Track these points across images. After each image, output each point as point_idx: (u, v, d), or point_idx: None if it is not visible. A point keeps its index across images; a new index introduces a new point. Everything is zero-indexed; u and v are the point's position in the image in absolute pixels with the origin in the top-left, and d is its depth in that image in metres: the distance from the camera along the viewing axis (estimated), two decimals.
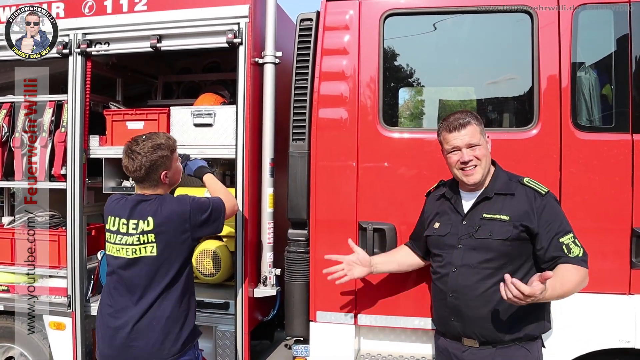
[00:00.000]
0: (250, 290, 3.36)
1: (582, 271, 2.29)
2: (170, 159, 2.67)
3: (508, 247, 2.35)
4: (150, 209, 2.61)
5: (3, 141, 3.92)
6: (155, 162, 2.59)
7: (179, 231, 2.62)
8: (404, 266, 2.87)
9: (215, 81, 4.64)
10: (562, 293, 2.26)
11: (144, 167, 2.58)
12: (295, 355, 3.29)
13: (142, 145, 2.60)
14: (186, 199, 2.70)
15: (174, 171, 2.74)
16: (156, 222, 2.58)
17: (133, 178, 2.69)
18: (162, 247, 2.59)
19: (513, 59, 3.19)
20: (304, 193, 3.16)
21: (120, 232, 2.64)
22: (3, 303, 3.93)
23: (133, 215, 2.62)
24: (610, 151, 2.81)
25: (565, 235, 2.33)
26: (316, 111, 3.11)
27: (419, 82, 3.57)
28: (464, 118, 2.44)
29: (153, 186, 2.67)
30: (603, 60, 2.99)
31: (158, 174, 2.63)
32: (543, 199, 2.37)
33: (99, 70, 4.01)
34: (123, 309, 2.62)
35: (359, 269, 2.76)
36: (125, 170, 2.66)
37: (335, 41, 3.11)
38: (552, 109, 2.86)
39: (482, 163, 2.43)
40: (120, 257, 2.64)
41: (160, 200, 2.65)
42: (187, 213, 2.63)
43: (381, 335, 3.21)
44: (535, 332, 2.38)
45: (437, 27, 3.15)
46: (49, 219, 4.06)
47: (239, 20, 3.28)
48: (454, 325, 2.48)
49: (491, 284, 2.36)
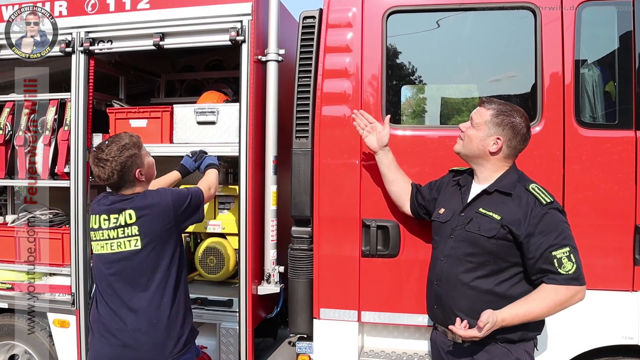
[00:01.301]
0: (253, 288, 3.36)
1: (566, 291, 2.23)
2: (139, 156, 2.61)
3: (493, 245, 2.32)
4: (131, 204, 2.58)
5: (6, 140, 3.93)
6: (125, 163, 2.53)
7: (162, 222, 2.59)
8: (395, 185, 2.90)
9: (219, 79, 4.64)
10: (533, 317, 2.27)
11: (116, 172, 2.52)
12: (298, 352, 3.30)
13: (108, 150, 2.53)
14: (166, 191, 2.68)
15: (147, 166, 2.68)
16: (138, 214, 2.55)
17: (109, 186, 2.65)
18: (146, 240, 2.56)
19: (516, 56, 3.19)
20: (307, 190, 3.16)
21: (102, 227, 2.60)
22: (7, 301, 3.94)
23: (113, 210, 2.58)
24: (614, 148, 2.81)
25: (560, 248, 2.23)
26: (319, 109, 3.11)
27: (422, 80, 3.57)
28: (488, 99, 2.47)
29: (130, 187, 2.62)
30: (606, 57, 2.99)
31: (132, 174, 2.57)
32: (543, 208, 2.29)
33: (102, 68, 4.02)
34: (117, 310, 2.59)
35: (372, 138, 2.88)
36: (99, 180, 2.60)
37: (338, 39, 3.11)
38: (555, 106, 2.86)
39: (465, 141, 2.47)
40: (104, 254, 2.61)
41: (140, 195, 2.62)
42: (169, 203, 2.60)
43: (385, 333, 3.22)
44: (513, 336, 2.32)
45: (440, 25, 3.15)
46: (52, 217, 4.07)
47: (242, 18, 3.28)
48: (437, 314, 2.51)
49: (472, 277, 2.36)
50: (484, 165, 2.47)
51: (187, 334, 2.69)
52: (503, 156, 2.42)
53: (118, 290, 2.59)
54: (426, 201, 2.79)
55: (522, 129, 2.39)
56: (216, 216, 3.78)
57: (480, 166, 2.49)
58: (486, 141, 2.41)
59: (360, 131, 2.93)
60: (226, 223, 3.70)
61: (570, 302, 2.27)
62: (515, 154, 2.44)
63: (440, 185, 2.77)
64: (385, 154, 2.89)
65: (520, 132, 2.39)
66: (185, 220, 2.72)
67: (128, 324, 2.55)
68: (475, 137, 2.43)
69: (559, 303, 2.24)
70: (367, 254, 3.05)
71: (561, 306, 2.26)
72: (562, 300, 2.24)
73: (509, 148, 2.40)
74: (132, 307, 2.56)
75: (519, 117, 2.40)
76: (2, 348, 4.15)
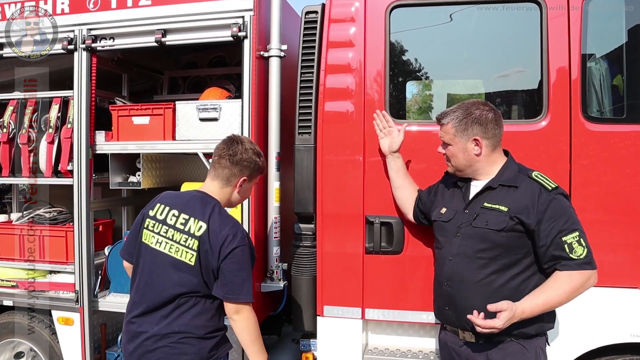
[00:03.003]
0: (257, 285, 3.35)
1: (580, 276, 2.24)
2: (255, 175, 2.59)
3: (503, 238, 2.31)
4: (208, 213, 2.42)
5: (10, 138, 3.93)
6: (250, 163, 2.51)
7: (213, 256, 2.38)
8: (401, 191, 2.90)
9: (221, 75, 4.62)
10: (551, 306, 2.28)
11: (244, 160, 2.48)
12: (302, 350, 3.29)
13: (252, 144, 2.56)
14: (243, 235, 2.43)
15: (246, 188, 2.61)
16: (209, 229, 2.38)
17: (223, 156, 2.49)
18: (200, 261, 2.38)
19: (522, 50, 3.15)
20: (310, 187, 3.14)
21: (168, 223, 2.45)
22: (12, 299, 3.96)
23: (187, 209, 2.45)
24: (622, 142, 2.77)
25: (570, 233, 2.24)
26: (322, 104, 3.08)
27: (426, 75, 3.54)
28: (443, 114, 2.49)
29: (224, 182, 2.51)
30: (614, 51, 2.95)
31: (241, 175, 2.51)
32: (549, 194, 2.30)
33: (104, 66, 4.01)
34: (144, 314, 2.43)
35: (386, 141, 2.92)
36: (217, 152, 2.52)
37: (341, 33, 3.08)
38: (561, 100, 2.82)
39: (452, 161, 2.49)
40: (157, 250, 2.45)
41: (219, 208, 2.47)
42: (227, 246, 2.36)
43: (389, 330, 3.19)
44: (530, 330, 2.31)
45: (443, 19, 3.11)
46: (56, 215, 4.08)
47: (244, 13, 3.26)
48: (449, 315, 2.48)
49: (485, 274, 2.34)
50: (479, 167, 2.47)
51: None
52: (489, 150, 2.43)
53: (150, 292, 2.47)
54: (424, 205, 2.78)
55: (486, 116, 2.40)
56: None
57: (477, 170, 2.48)
58: (467, 149, 2.43)
59: (378, 132, 2.96)
60: None
61: (585, 287, 2.27)
62: (498, 140, 2.45)
63: (437, 188, 2.77)
64: (394, 160, 2.89)
65: (487, 120, 2.39)
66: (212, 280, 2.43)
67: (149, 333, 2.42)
68: (457, 151, 2.46)
69: (575, 289, 2.25)
70: (371, 251, 3.02)
71: (577, 292, 2.26)
72: (577, 286, 2.25)
73: (489, 139, 2.41)
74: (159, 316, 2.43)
75: (475, 108, 2.42)
76: (7, 345, 4.17)
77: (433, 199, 2.73)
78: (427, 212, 2.75)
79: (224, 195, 2.55)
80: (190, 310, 2.40)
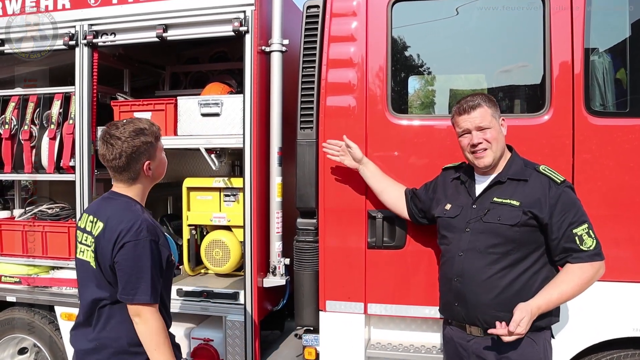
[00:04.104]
0: (259, 280, 3.36)
1: (591, 268, 2.27)
2: (154, 147, 2.29)
3: (516, 232, 2.31)
4: (108, 212, 2.22)
5: (12, 134, 3.93)
6: (138, 148, 2.20)
7: (107, 253, 2.15)
8: (386, 195, 2.87)
9: (223, 71, 4.62)
10: (565, 299, 2.31)
11: (125, 154, 2.18)
12: (305, 345, 3.29)
13: (123, 129, 2.20)
14: (140, 229, 2.14)
15: (158, 162, 2.34)
16: (105, 226, 2.17)
17: (111, 168, 2.24)
18: (97, 261, 2.20)
19: (524, 44, 3.13)
20: (312, 182, 3.13)
21: (86, 230, 2.27)
22: (15, 294, 3.97)
23: (96, 211, 2.27)
24: (625, 136, 2.75)
25: (580, 225, 2.28)
26: (324, 99, 3.07)
27: (428, 69, 3.52)
28: (474, 100, 2.41)
29: (131, 180, 2.27)
30: (617, 44, 2.93)
31: (140, 163, 2.24)
32: (558, 187, 2.31)
33: (106, 61, 4.01)
34: (76, 327, 2.30)
35: (348, 158, 2.92)
36: (102, 160, 2.25)
37: (343, 28, 3.07)
38: (564, 94, 2.81)
39: (493, 146, 2.39)
40: (80, 260, 2.29)
41: (125, 204, 2.24)
42: (119, 241, 2.12)
43: (391, 325, 3.19)
44: (541, 323, 2.32)
45: (445, 13, 3.09)
46: (58, 211, 4.08)
47: (245, 8, 3.25)
48: (457, 311, 2.47)
49: (497, 269, 2.34)
50: (503, 154, 2.48)
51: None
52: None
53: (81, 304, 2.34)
54: (422, 203, 2.76)
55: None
56: (221, 209, 3.77)
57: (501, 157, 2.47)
58: (501, 130, 2.45)
59: (335, 159, 2.97)
60: (231, 215, 3.68)
61: (595, 278, 2.30)
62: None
63: (435, 184, 2.76)
64: (365, 166, 2.90)
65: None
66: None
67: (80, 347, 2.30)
68: (497, 133, 2.41)
69: (586, 281, 2.28)
70: (373, 246, 3.02)
71: (588, 283, 2.29)
72: (589, 277, 2.28)
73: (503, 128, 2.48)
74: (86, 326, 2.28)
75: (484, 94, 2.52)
76: (11, 341, 4.19)
77: (432, 195, 2.72)
78: (427, 210, 2.74)
79: (136, 190, 2.31)
80: (110, 320, 2.20)
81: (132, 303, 2.12)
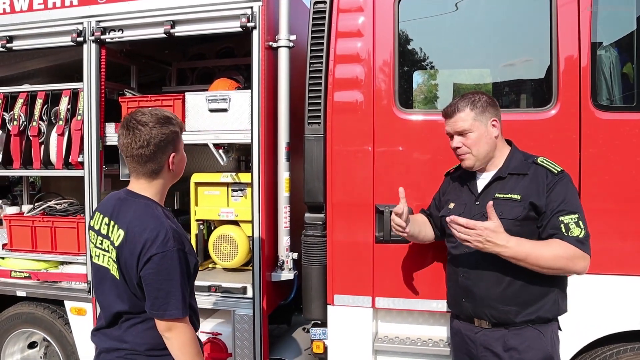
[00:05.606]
0: (267, 275, 3.38)
1: (571, 249, 2.21)
2: (179, 139, 2.13)
3: (518, 227, 2.31)
4: (127, 217, 2.04)
5: (21, 130, 3.96)
6: (167, 136, 2.03)
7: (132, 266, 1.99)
8: (423, 233, 2.74)
9: (230, 66, 4.62)
10: (535, 258, 2.20)
11: (154, 142, 2.00)
12: (313, 338, 3.31)
13: (150, 115, 2.03)
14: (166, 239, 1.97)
15: (180, 157, 2.17)
16: (127, 236, 2.00)
17: (135, 158, 2.04)
18: (122, 274, 2.04)
19: (531, 38, 3.14)
20: (320, 177, 3.15)
21: (101, 233, 2.11)
22: (25, 289, 4.00)
23: (113, 214, 2.09)
24: (632, 131, 2.76)
25: (568, 214, 2.25)
26: (331, 94, 3.09)
27: (435, 64, 3.53)
28: (455, 104, 2.44)
29: (154, 173, 2.09)
30: (624, 38, 2.93)
31: (166, 154, 2.06)
32: (555, 177, 2.33)
33: (113, 57, 4.03)
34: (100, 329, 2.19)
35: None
36: (125, 149, 2.03)
37: (350, 23, 3.08)
38: (571, 88, 2.81)
39: (473, 151, 2.42)
40: (97, 265, 2.16)
41: (145, 207, 2.06)
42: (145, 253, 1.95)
43: (399, 319, 3.22)
44: (548, 314, 2.34)
45: (452, 8, 3.10)
46: (67, 207, 4.12)
47: (253, 4, 3.26)
48: (465, 306, 2.49)
49: (502, 264, 2.34)
50: (496, 153, 2.47)
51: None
52: (501, 134, 2.47)
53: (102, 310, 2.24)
54: (439, 212, 2.73)
55: (492, 100, 2.46)
56: (229, 203, 3.79)
57: (493, 157, 2.48)
58: (489, 132, 2.43)
59: (403, 235, 2.63)
60: (239, 210, 3.70)
61: (574, 264, 2.22)
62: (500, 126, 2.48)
63: (442, 191, 2.78)
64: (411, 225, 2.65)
65: (494, 102, 2.45)
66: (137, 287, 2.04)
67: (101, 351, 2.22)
68: (479, 137, 2.41)
69: (563, 256, 2.21)
70: (381, 240, 3.04)
71: (564, 261, 2.21)
72: (566, 255, 2.21)
73: (500, 122, 2.46)
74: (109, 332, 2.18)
75: (478, 94, 2.46)
76: (21, 335, 4.23)
77: (439, 202, 2.74)
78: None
79: (156, 187, 2.13)
80: (135, 326, 2.09)
81: (163, 319, 1.99)
